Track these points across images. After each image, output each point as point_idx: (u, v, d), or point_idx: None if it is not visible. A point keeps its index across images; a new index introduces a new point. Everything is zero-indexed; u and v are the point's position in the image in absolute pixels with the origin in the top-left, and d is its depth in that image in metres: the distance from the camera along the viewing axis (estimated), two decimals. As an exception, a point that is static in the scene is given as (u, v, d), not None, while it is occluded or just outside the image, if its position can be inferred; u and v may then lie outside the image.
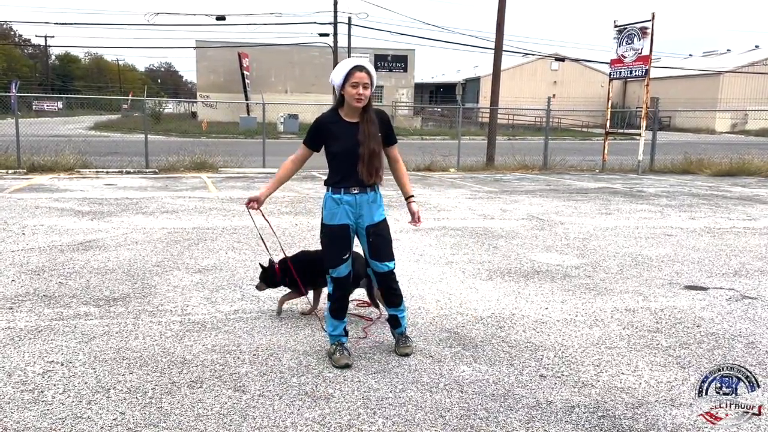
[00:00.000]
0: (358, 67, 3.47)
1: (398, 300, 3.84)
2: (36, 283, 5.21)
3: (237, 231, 7.60)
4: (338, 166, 3.59)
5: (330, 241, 3.67)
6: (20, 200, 9.73)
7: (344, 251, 3.66)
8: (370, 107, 3.58)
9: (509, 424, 3.00)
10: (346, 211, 3.60)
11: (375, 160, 3.53)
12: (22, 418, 2.95)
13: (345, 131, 3.54)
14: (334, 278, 3.69)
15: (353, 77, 3.44)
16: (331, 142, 3.57)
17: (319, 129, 3.62)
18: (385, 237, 3.70)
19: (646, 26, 16.13)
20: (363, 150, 3.49)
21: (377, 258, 3.70)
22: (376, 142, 3.54)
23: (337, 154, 3.57)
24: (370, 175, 3.54)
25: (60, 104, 51.45)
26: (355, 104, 3.49)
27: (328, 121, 3.61)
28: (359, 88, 3.44)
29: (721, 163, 16.88)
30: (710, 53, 62.57)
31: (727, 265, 6.31)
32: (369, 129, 3.53)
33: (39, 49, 77.19)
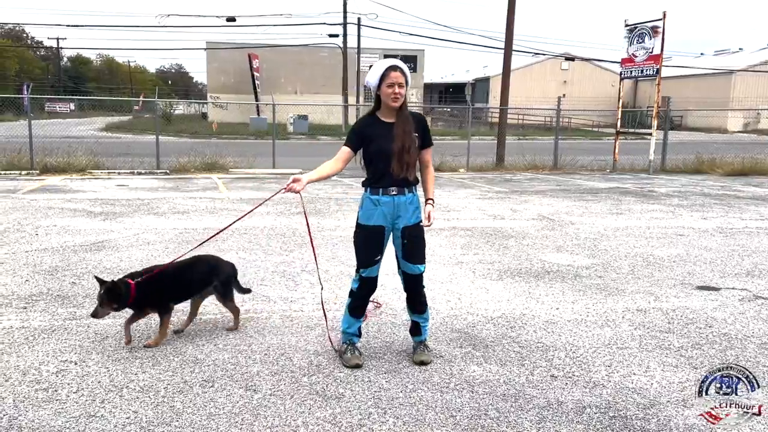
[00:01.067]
0: (392, 67, 3.53)
1: (423, 307, 3.80)
2: (50, 283, 5.26)
3: (248, 232, 7.63)
4: (376, 167, 3.60)
5: (364, 241, 3.67)
6: (33, 201, 9.82)
7: (377, 253, 3.65)
8: (405, 107, 3.63)
9: (520, 424, 3.00)
10: (383, 213, 3.60)
11: (406, 155, 3.55)
12: (37, 416, 2.99)
13: (382, 132, 3.58)
14: (363, 278, 3.70)
15: (389, 77, 3.50)
16: (369, 143, 3.60)
17: (358, 130, 3.64)
18: (419, 239, 3.69)
19: (657, 25, 16.04)
20: (396, 145, 3.52)
21: (410, 260, 3.68)
22: (410, 139, 3.56)
23: (374, 154, 3.59)
24: (401, 169, 3.53)
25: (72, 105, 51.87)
26: (392, 104, 3.54)
27: (366, 123, 3.66)
28: (395, 87, 3.49)
29: (733, 163, 16.75)
30: (722, 52, 62.07)
31: (740, 266, 6.26)
32: (404, 126, 3.57)
33: (51, 51, 77.88)
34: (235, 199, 10.52)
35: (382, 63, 3.57)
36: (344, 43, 36.33)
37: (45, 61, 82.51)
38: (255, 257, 6.31)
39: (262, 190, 11.83)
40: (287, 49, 43.39)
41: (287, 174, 14.89)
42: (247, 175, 14.66)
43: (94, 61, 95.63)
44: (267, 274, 5.69)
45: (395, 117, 3.59)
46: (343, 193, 11.37)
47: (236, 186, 12.40)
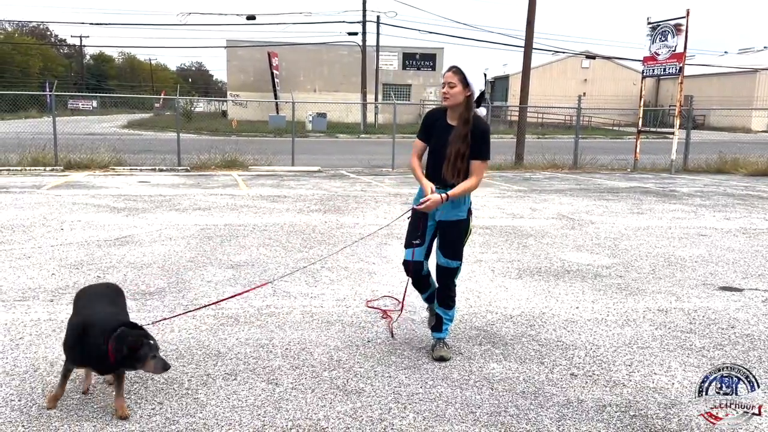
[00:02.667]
0: (449, 67, 3.63)
1: (449, 303, 3.82)
2: (75, 276, 5.37)
3: (268, 228, 7.70)
4: (430, 161, 3.76)
5: (411, 221, 3.79)
6: (58, 196, 10.00)
7: (415, 236, 3.74)
8: (471, 113, 3.59)
9: (540, 422, 3.01)
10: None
11: (459, 161, 3.59)
12: (64, 405, 3.06)
13: (442, 130, 3.69)
14: (404, 261, 3.85)
15: (444, 78, 3.61)
16: (431, 137, 3.74)
17: (426, 122, 3.80)
18: (454, 234, 3.73)
19: (680, 23, 15.85)
20: (450, 150, 3.60)
21: (443, 253, 3.77)
22: (464, 144, 3.59)
23: (431, 150, 3.75)
24: (453, 175, 3.61)
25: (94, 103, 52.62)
26: (443, 102, 3.65)
27: (435, 118, 3.78)
28: (445, 87, 3.59)
29: (757, 163, 16.51)
30: (746, 50, 61.03)
31: (764, 267, 6.19)
32: (461, 131, 3.60)
33: (74, 48, 79.02)
34: (255, 196, 10.61)
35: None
36: (363, 41, 36.36)
37: (68, 59, 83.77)
38: (275, 253, 6.37)
39: (281, 187, 11.92)
40: (306, 47, 43.55)
41: (306, 171, 14.98)
42: (266, 172, 14.76)
43: (116, 59, 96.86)
44: (287, 270, 5.74)
45: (458, 119, 3.64)
46: (362, 191, 11.42)
47: (256, 183, 12.50)
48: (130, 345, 2.83)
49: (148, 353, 2.85)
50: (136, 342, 2.84)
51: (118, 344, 2.82)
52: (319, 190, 11.57)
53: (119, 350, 2.82)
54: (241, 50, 44.46)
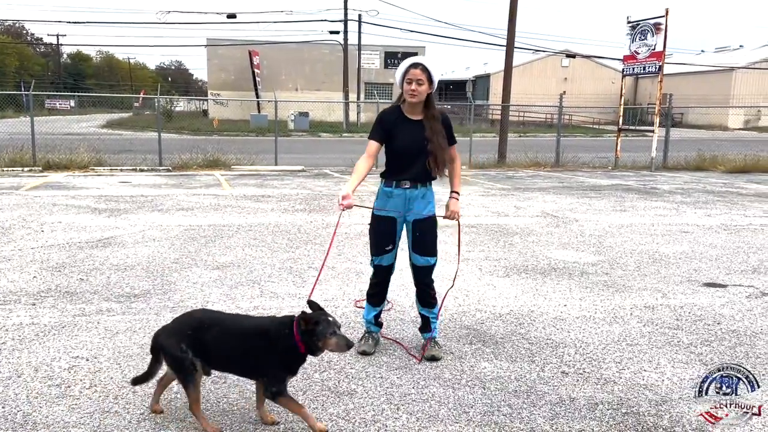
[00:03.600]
0: (413, 64, 3.59)
1: (432, 301, 3.85)
2: (57, 279, 5.27)
3: (253, 228, 7.63)
4: (396, 161, 3.68)
5: (376, 231, 3.79)
6: (37, 198, 9.82)
7: (388, 242, 3.75)
8: (432, 105, 3.67)
9: (533, 420, 3.00)
10: (395, 205, 3.70)
11: (443, 154, 3.65)
12: (51, 412, 2.99)
13: (409, 128, 3.64)
14: (375, 266, 3.83)
15: (408, 74, 3.57)
16: (395, 138, 3.66)
17: (382, 123, 3.70)
18: (430, 232, 3.76)
19: (659, 22, 16.03)
20: (433, 146, 3.60)
21: (420, 252, 3.75)
22: (443, 137, 3.65)
23: (398, 149, 3.66)
24: (441, 169, 3.66)
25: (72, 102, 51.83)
26: (409, 99, 3.60)
27: (391, 116, 3.70)
28: (413, 84, 3.55)
29: (735, 160, 16.76)
30: (723, 49, 61.97)
31: (746, 263, 6.27)
32: (435, 126, 3.63)
33: (51, 47, 77.79)
34: (238, 196, 10.52)
35: (406, 61, 3.65)
36: (345, 39, 36.27)
37: (45, 58, 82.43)
38: (261, 254, 6.31)
39: (264, 186, 11.83)
40: (288, 45, 43.34)
41: (290, 171, 14.90)
42: (249, 172, 14.65)
43: (94, 58, 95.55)
44: (274, 270, 5.69)
45: (423, 115, 3.64)
46: (347, 190, 11.36)
47: (239, 183, 12.40)
48: (309, 320, 2.76)
49: (326, 330, 2.75)
50: (314, 318, 2.77)
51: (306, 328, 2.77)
52: (304, 189, 11.50)
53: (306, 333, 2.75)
54: (222, 49, 44.13)
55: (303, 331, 2.76)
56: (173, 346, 2.78)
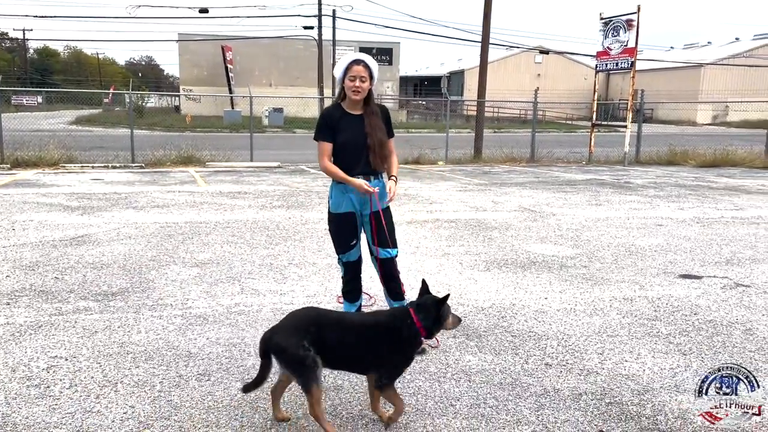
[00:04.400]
0: (356, 61, 3.61)
1: (401, 290, 3.91)
2: (31, 278, 5.15)
3: (230, 225, 7.55)
4: (343, 157, 3.70)
5: (337, 229, 3.84)
6: (6, 195, 9.59)
7: (351, 238, 3.82)
8: (371, 100, 3.73)
9: (519, 412, 3.03)
10: (351, 200, 3.75)
11: (383, 148, 3.70)
12: (31, 413, 2.92)
13: (350, 123, 3.67)
14: (344, 263, 3.88)
15: (351, 71, 3.58)
16: (338, 133, 3.68)
17: (327, 120, 3.72)
18: (390, 222, 3.82)
19: (631, 18, 16.25)
20: (372, 141, 3.64)
21: (378, 244, 3.78)
22: (382, 132, 3.70)
23: (343, 144, 3.68)
24: (381, 163, 3.71)
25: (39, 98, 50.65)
26: (353, 96, 3.62)
27: (334, 115, 3.72)
28: (356, 81, 3.57)
29: (705, 154, 17.10)
30: (691, 46, 63.14)
31: (719, 254, 6.40)
32: (374, 120, 3.68)
33: (17, 42, 75.90)
34: (214, 192, 10.40)
35: (347, 57, 3.65)
36: (319, 35, 36.06)
37: (10, 53, 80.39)
38: (240, 251, 6.25)
39: (241, 183, 11.72)
40: (261, 41, 42.97)
41: (266, 167, 14.78)
42: (225, 168, 14.50)
43: (62, 53, 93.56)
44: (254, 267, 5.64)
45: (363, 110, 3.68)
46: (324, 186, 11.31)
47: (215, 179, 12.26)
48: (438, 303, 2.83)
49: (448, 311, 2.90)
50: (441, 301, 2.85)
51: (425, 314, 2.82)
52: (281, 185, 11.42)
53: (428, 318, 2.82)
54: (194, 44, 43.54)
55: (434, 317, 2.83)
56: (294, 346, 2.66)
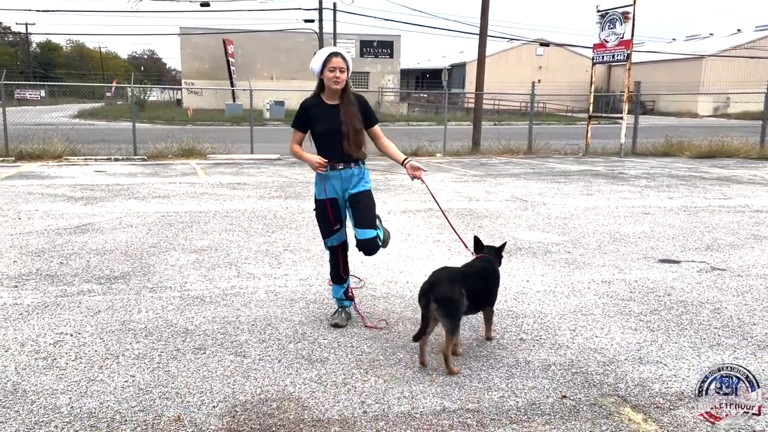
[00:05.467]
0: (334, 53, 3.83)
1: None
2: (37, 263, 5.40)
3: (229, 214, 7.79)
4: (323, 146, 3.93)
5: (321, 214, 4.02)
6: (12, 187, 9.84)
7: (335, 223, 4.00)
8: (348, 90, 3.93)
9: (491, 380, 3.27)
10: (333, 186, 3.94)
11: (358, 136, 3.88)
12: (39, 381, 3.17)
13: (327, 113, 3.88)
14: (329, 247, 4.08)
15: (330, 63, 3.79)
16: (315, 123, 3.90)
17: (304, 111, 3.95)
18: (366, 205, 3.95)
19: (627, 11, 16.40)
20: (346, 128, 3.83)
21: (358, 225, 3.94)
22: (357, 119, 3.88)
23: (320, 133, 3.91)
24: (357, 149, 3.89)
25: (42, 92, 50.94)
26: (333, 86, 3.82)
27: (311, 105, 3.95)
28: (336, 71, 3.78)
29: (701, 146, 17.26)
30: (693, 37, 63.07)
31: (700, 241, 6.62)
32: (349, 109, 3.87)
33: (20, 36, 76.12)
34: (214, 183, 10.64)
35: (324, 50, 3.86)
36: (320, 28, 36.20)
37: (13, 47, 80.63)
38: (238, 238, 6.49)
39: (240, 174, 11.96)
40: (262, 34, 43.09)
41: (266, 159, 15.01)
42: (225, 160, 14.74)
43: (64, 47, 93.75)
44: (251, 253, 5.88)
45: (339, 99, 3.88)
46: (322, 177, 11.54)
47: (215, 171, 12.50)
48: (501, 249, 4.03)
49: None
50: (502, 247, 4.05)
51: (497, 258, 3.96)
52: (280, 177, 11.66)
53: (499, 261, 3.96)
54: (196, 38, 43.71)
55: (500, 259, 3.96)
56: (457, 294, 3.31)
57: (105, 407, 2.93)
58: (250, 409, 2.94)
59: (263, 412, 2.91)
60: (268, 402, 3.00)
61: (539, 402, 3.04)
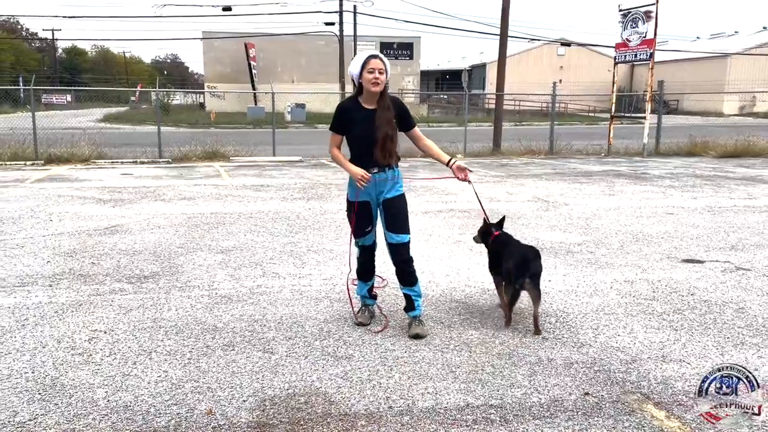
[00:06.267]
0: (372, 56, 3.83)
1: (413, 279, 4.03)
2: (70, 263, 5.57)
3: (253, 215, 7.93)
4: (358, 149, 3.92)
5: (356, 211, 4.02)
6: (42, 189, 10.10)
7: (367, 224, 4.02)
8: (386, 94, 3.91)
9: (513, 377, 3.32)
10: (366, 190, 3.93)
11: (389, 143, 3.86)
12: (77, 376, 3.30)
13: (364, 117, 3.87)
14: (360, 246, 4.12)
15: (369, 65, 3.78)
16: (352, 126, 3.89)
17: (342, 114, 3.93)
18: (399, 210, 3.99)
19: (650, 10, 16.27)
20: (378, 134, 3.83)
21: (391, 229, 3.99)
22: (390, 126, 3.86)
23: (356, 137, 3.90)
24: (385, 157, 3.88)
25: (68, 97, 51.91)
26: (373, 89, 3.79)
27: (349, 108, 3.92)
28: (375, 73, 3.77)
29: (726, 145, 17.04)
30: (718, 35, 62.17)
31: (725, 241, 6.57)
32: (384, 115, 3.85)
33: (46, 42, 77.67)
34: (238, 185, 10.81)
35: (362, 53, 3.87)
36: (340, 31, 36.42)
37: (40, 53, 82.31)
38: (263, 239, 6.61)
39: (263, 176, 12.11)
40: (283, 37, 43.43)
41: (288, 161, 15.17)
42: (248, 163, 14.92)
43: (89, 52, 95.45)
44: (275, 253, 5.99)
45: (376, 104, 3.87)
46: (343, 179, 11.61)
47: (238, 173, 12.68)
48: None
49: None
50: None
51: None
52: (302, 179, 11.79)
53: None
54: (218, 41, 44.21)
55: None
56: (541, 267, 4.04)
57: (140, 401, 3.04)
58: (279, 403, 3.03)
59: (292, 406, 3.00)
60: (296, 397, 3.09)
61: (562, 399, 3.08)
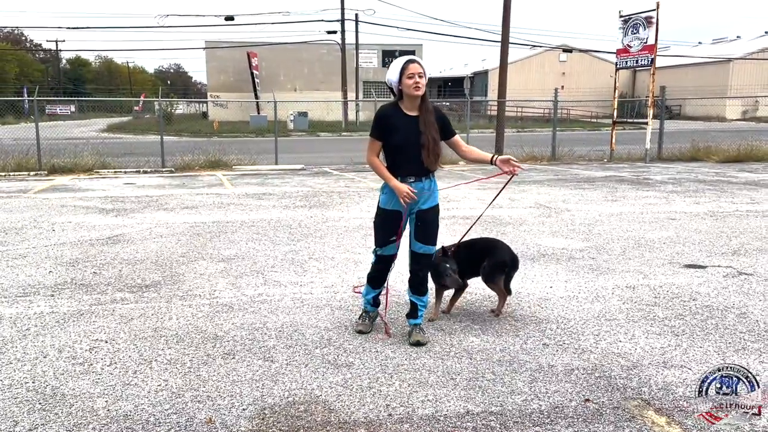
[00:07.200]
0: (410, 60, 3.76)
1: (424, 289, 4.01)
2: (72, 273, 5.58)
3: (255, 224, 7.94)
4: (398, 157, 3.82)
5: (382, 223, 3.95)
6: (45, 200, 10.14)
7: (392, 234, 3.93)
8: (427, 100, 3.85)
9: (514, 384, 3.31)
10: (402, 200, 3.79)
11: (437, 147, 3.80)
12: (77, 385, 3.30)
13: (406, 123, 3.78)
14: (378, 255, 4.02)
15: (408, 70, 3.71)
16: (393, 133, 3.77)
17: (382, 120, 3.80)
18: (432, 222, 3.93)
19: (650, 15, 16.30)
20: (425, 138, 3.75)
21: (421, 240, 3.92)
22: (435, 130, 3.80)
23: (398, 145, 3.79)
24: (435, 161, 3.81)
25: (72, 107, 52.19)
26: (414, 92, 3.72)
27: (390, 114, 3.81)
28: (415, 77, 3.70)
29: (728, 150, 17.01)
30: (720, 40, 62.15)
31: (727, 246, 6.56)
32: (428, 119, 3.80)
33: (50, 53, 78.15)
34: (240, 194, 10.83)
35: (399, 60, 3.80)
36: (342, 39, 36.57)
37: (44, 64, 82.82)
38: (264, 247, 6.61)
39: (265, 185, 12.14)
40: (286, 46, 43.63)
41: (290, 170, 15.20)
42: (250, 171, 14.96)
43: (93, 63, 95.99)
44: (276, 261, 6.00)
45: (418, 110, 3.80)
46: (346, 187, 11.68)
47: (241, 182, 12.71)
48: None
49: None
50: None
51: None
52: (304, 187, 11.81)
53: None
54: (221, 51, 44.43)
55: None
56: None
57: (140, 410, 3.04)
58: (279, 411, 3.02)
59: (291, 414, 3.00)
60: (296, 405, 3.09)
61: (562, 405, 3.07)
